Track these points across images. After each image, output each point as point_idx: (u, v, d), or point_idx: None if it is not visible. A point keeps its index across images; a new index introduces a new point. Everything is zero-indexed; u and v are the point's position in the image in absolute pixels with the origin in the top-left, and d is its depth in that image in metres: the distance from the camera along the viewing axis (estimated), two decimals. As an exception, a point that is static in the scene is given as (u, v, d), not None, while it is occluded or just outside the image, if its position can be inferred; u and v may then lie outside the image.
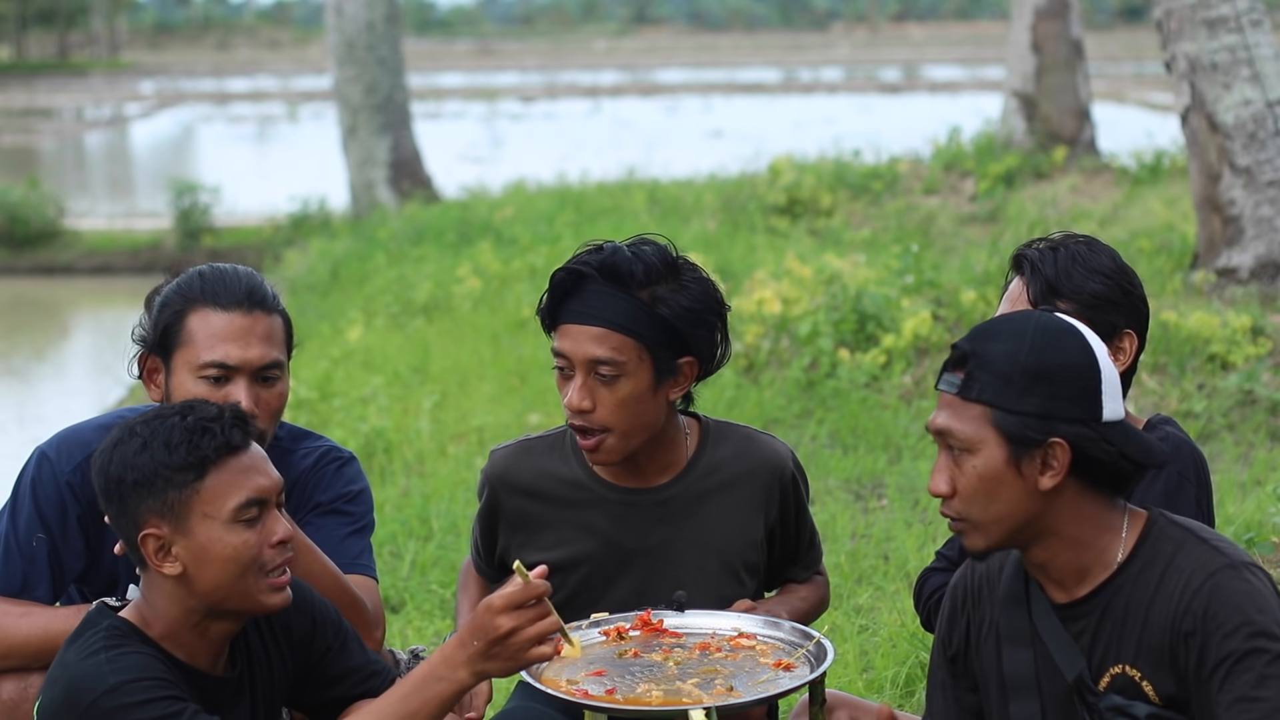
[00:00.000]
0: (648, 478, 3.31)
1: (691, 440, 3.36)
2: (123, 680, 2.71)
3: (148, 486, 2.77)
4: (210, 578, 2.79)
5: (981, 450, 2.63)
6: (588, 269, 3.16)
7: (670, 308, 3.18)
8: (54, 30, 62.79)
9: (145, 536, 2.78)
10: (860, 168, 15.03)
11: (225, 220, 18.59)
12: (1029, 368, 2.61)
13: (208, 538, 2.78)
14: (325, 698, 3.04)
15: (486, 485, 3.39)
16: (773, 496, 3.34)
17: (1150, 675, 2.63)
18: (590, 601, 3.30)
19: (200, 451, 2.77)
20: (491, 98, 42.88)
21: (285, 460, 3.38)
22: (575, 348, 3.17)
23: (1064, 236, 3.31)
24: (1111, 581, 2.66)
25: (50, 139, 33.29)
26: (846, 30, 78.03)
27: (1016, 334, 2.64)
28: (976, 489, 2.64)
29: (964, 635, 2.83)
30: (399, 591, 5.94)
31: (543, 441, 3.39)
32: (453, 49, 69.40)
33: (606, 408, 3.18)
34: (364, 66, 17.67)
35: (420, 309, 11.57)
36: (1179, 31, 8.92)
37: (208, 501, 2.77)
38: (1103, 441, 2.60)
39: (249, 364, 3.23)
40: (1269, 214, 8.81)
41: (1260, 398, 7.23)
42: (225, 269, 3.33)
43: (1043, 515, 2.65)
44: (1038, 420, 2.60)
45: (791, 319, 8.54)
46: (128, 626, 2.82)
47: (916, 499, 6.55)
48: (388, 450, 7.83)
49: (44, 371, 13.92)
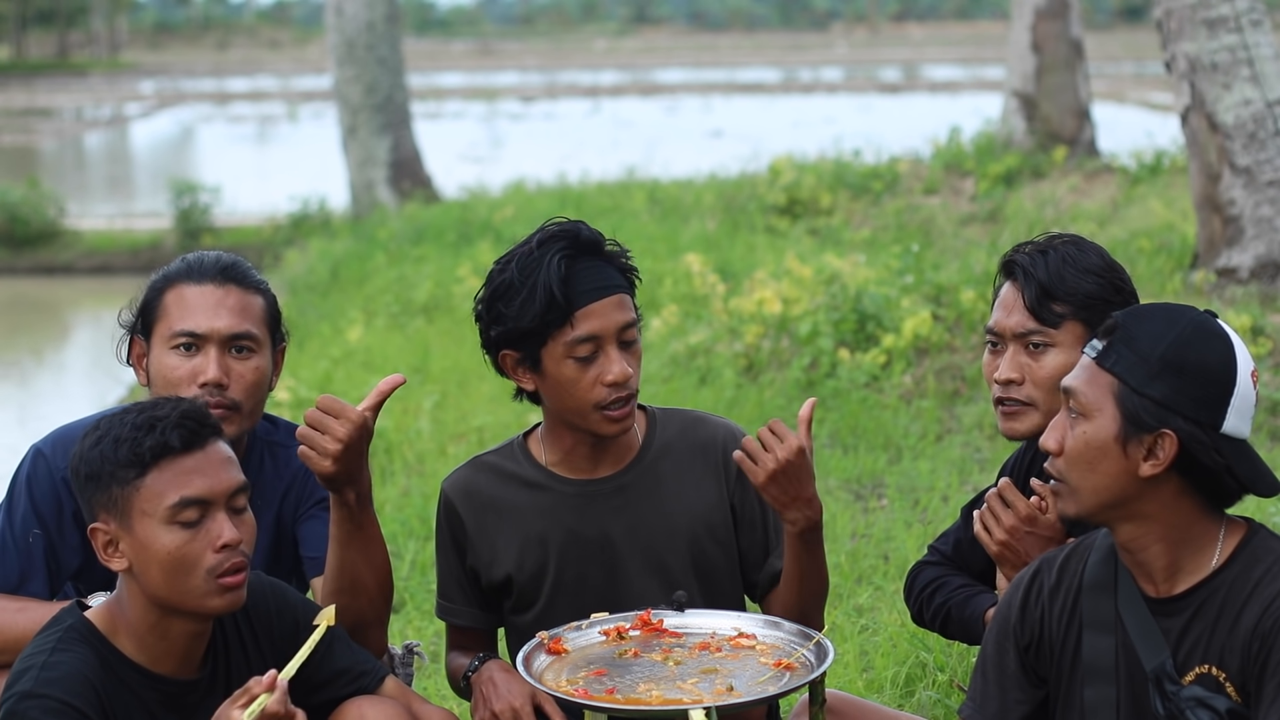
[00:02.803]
0: (604, 467, 3.33)
1: (640, 426, 3.38)
2: (34, 690, 2.73)
3: (96, 480, 2.81)
4: (150, 576, 2.81)
5: (1096, 419, 2.67)
6: (572, 251, 3.20)
7: (624, 263, 3.27)
8: (54, 30, 62.77)
9: (95, 529, 2.83)
10: (860, 168, 15.03)
11: (225, 220, 18.58)
12: (1167, 356, 2.64)
13: (146, 536, 2.80)
14: (315, 700, 3.03)
15: (445, 509, 3.39)
16: (731, 469, 3.32)
17: (1234, 677, 2.64)
18: (570, 598, 3.30)
19: (139, 448, 2.79)
20: (491, 98, 42.86)
21: (282, 457, 3.39)
22: (606, 322, 3.19)
23: (1050, 238, 3.32)
24: (1207, 583, 2.68)
25: (50, 139, 33.27)
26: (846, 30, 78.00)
27: (1170, 321, 2.68)
28: (1081, 454, 2.68)
29: (1038, 624, 2.84)
30: (399, 591, 5.94)
31: (493, 454, 3.42)
32: (453, 49, 69.37)
33: (636, 372, 3.24)
34: (364, 66, 17.67)
35: (420, 309, 11.57)
36: (1179, 31, 8.92)
37: (146, 499, 2.79)
38: (1214, 450, 2.63)
39: (217, 332, 3.26)
40: (1269, 214, 8.80)
41: (1260, 398, 7.23)
42: (208, 252, 3.38)
43: (1137, 500, 2.67)
44: (1157, 407, 2.63)
45: (791, 319, 8.53)
46: (87, 629, 2.84)
47: (916, 499, 6.56)
48: (388, 450, 7.83)
49: (44, 371, 13.93)
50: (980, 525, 3.16)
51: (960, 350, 8.13)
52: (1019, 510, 3.10)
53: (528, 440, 3.40)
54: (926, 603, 3.46)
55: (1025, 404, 3.26)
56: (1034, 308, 3.22)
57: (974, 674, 2.92)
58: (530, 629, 3.26)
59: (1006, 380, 3.26)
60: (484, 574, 3.36)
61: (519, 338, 3.21)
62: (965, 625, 3.35)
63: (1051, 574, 2.84)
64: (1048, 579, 2.84)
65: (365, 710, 3.00)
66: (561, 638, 3.13)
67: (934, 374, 7.97)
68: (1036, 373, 3.23)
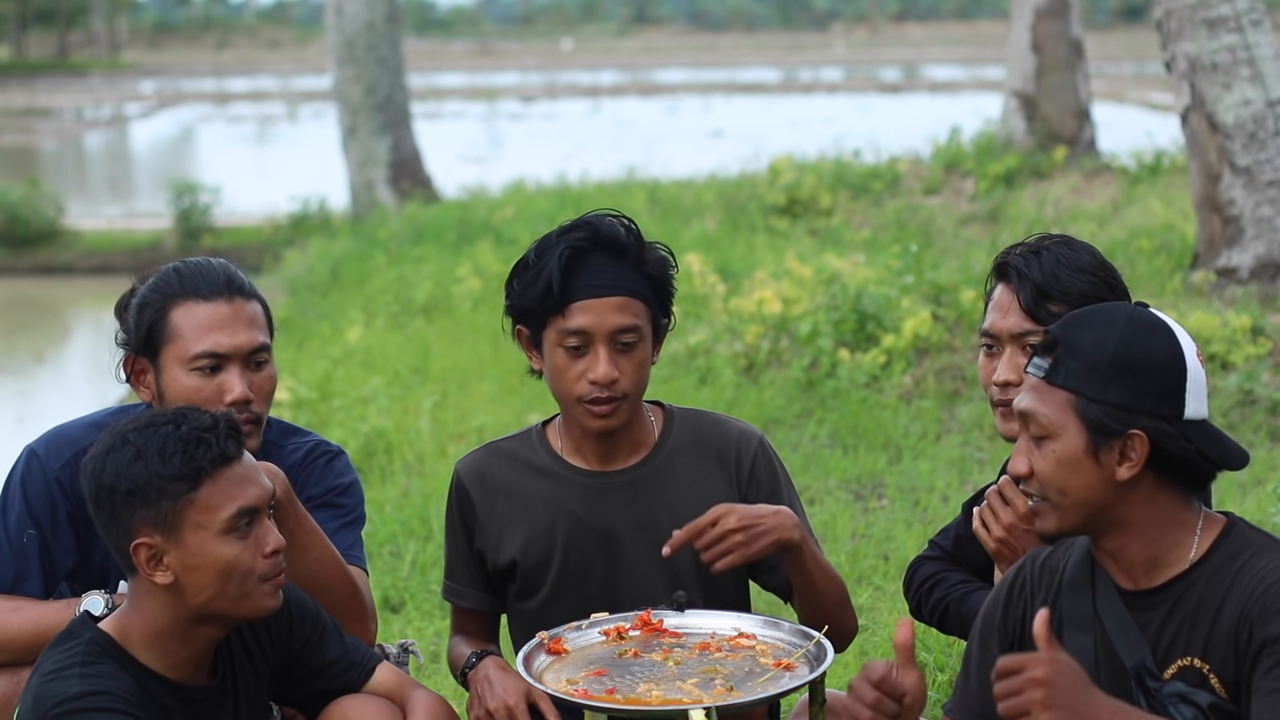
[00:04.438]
0: (619, 459, 3.35)
1: (657, 422, 3.40)
2: (86, 690, 2.72)
3: (141, 496, 2.77)
4: (202, 587, 2.79)
5: (1062, 436, 2.66)
6: (586, 244, 3.21)
7: (656, 269, 3.27)
8: (54, 30, 62.78)
9: (138, 546, 2.78)
10: (860, 168, 15.03)
11: (225, 220, 18.59)
12: (1116, 358, 2.63)
13: (200, 548, 2.78)
14: (306, 691, 3.05)
15: (457, 490, 3.40)
16: (743, 472, 3.35)
17: (1218, 669, 2.63)
18: (573, 588, 3.31)
19: (195, 462, 2.77)
20: (491, 98, 42.87)
21: (275, 455, 3.39)
22: (598, 321, 3.20)
23: (1040, 239, 3.32)
24: (1185, 576, 2.67)
25: (50, 139, 33.27)
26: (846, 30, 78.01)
27: (1108, 324, 2.67)
28: (1054, 473, 2.67)
29: (1019, 623, 2.84)
30: (399, 591, 5.94)
31: (510, 440, 3.44)
32: (453, 49, 69.37)
33: (628, 375, 3.23)
34: (364, 66, 17.67)
35: (420, 309, 11.57)
36: (1179, 31, 8.92)
37: (201, 512, 2.78)
38: (1182, 439, 2.62)
39: (239, 350, 3.26)
40: (1269, 214, 8.80)
41: (1260, 398, 7.23)
42: (199, 262, 3.36)
43: (1117, 504, 2.67)
44: (1119, 411, 2.62)
45: (791, 319, 8.54)
46: (106, 641, 2.83)
47: (916, 499, 6.56)
48: (388, 450, 7.83)
49: (44, 371, 13.93)
50: (979, 522, 3.17)
51: (960, 350, 8.13)
52: (1018, 508, 3.10)
53: (546, 429, 3.43)
54: (925, 597, 3.47)
55: (1024, 405, 3.26)
56: (1030, 309, 3.22)
57: (959, 674, 2.93)
58: (533, 616, 3.29)
59: (1005, 382, 3.26)
60: (490, 557, 3.38)
61: (522, 315, 3.27)
62: (963, 621, 3.36)
63: (1034, 571, 2.85)
64: (1030, 576, 2.85)
65: (348, 711, 3.01)
66: (561, 638, 3.14)
67: (934, 374, 7.97)
68: (1034, 374, 3.23)
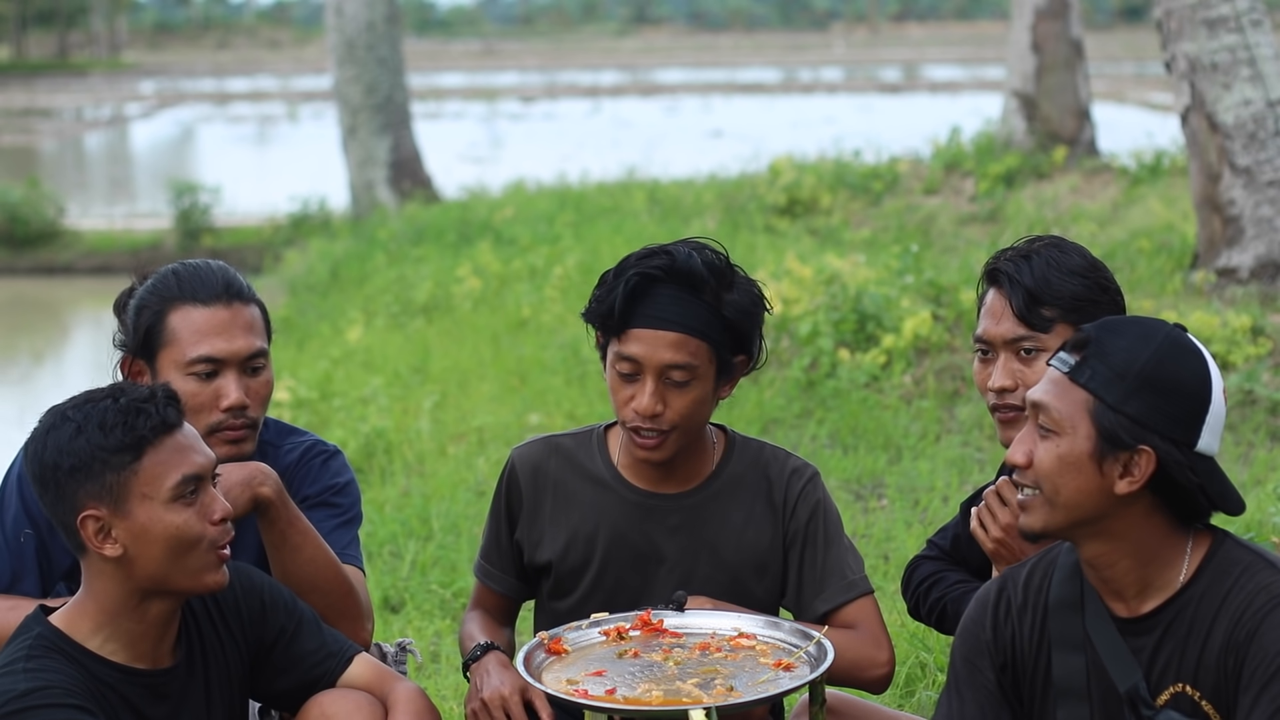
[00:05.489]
0: (673, 484, 3.32)
1: (718, 450, 3.37)
2: (32, 686, 2.72)
3: (85, 471, 2.77)
4: (152, 557, 2.79)
5: (1070, 435, 2.62)
6: (659, 273, 3.17)
7: (733, 310, 3.21)
8: (54, 30, 62.77)
9: (85, 519, 2.78)
10: (860, 168, 15.03)
11: (225, 220, 18.60)
12: (1144, 372, 2.60)
13: (148, 518, 2.78)
14: (284, 685, 3.03)
15: (509, 478, 3.39)
16: (787, 508, 3.32)
17: (1210, 695, 2.62)
18: (603, 599, 3.31)
19: (137, 432, 2.77)
20: (491, 98, 42.87)
21: (271, 455, 3.38)
22: (650, 353, 3.16)
23: (1030, 242, 3.30)
24: (1174, 600, 2.65)
25: (50, 139, 33.28)
26: (846, 30, 78.00)
27: (1144, 337, 2.63)
28: (1052, 470, 2.64)
29: (1009, 645, 2.80)
30: (399, 591, 5.94)
31: (571, 439, 3.41)
32: (453, 49, 69.36)
33: (675, 410, 3.19)
34: (364, 66, 17.67)
35: (420, 309, 11.57)
36: (1179, 31, 8.92)
37: (146, 482, 2.77)
38: (1188, 469, 2.60)
39: (236, 355, 3.25)
40: (1269, 214, 8.80)
41: (1260, 398, 7.23)
42: (198, 264, 3.34)
43: (1108, 517, 2.64)
44: (1134, 425, 2.59)
45: (791, 319, 8.54)
46: (54, 634, 2.82)
47: (916, 499, 6.56)
48: (388, 450, 7.83)
49: (44, 371, 13.92)
50: (976, 522, 3.16)
51: (960, 350, 8.13)
52: (1015, 509, 3.09)
53: (609, 433, 3.40)
54: (923, 597, 3.46)
55: (1022, 409, 3.25)
56: (1023, 314, 3.21)
57: (944, 693, 2.88)
58: (560, 619, 3.29)
59: (1000, 388, 3.26)
60: (529, 552, 3.38)
61: (594, 322, 3.26)
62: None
63: (1017, 592, 2.81)
64: (1014, 597, 2.81)
65: (327, 706, 3.00)
66: (561, 638, 3.13)
67: (934, 374, 7.97)
68: (1030, 378, 3.22)
